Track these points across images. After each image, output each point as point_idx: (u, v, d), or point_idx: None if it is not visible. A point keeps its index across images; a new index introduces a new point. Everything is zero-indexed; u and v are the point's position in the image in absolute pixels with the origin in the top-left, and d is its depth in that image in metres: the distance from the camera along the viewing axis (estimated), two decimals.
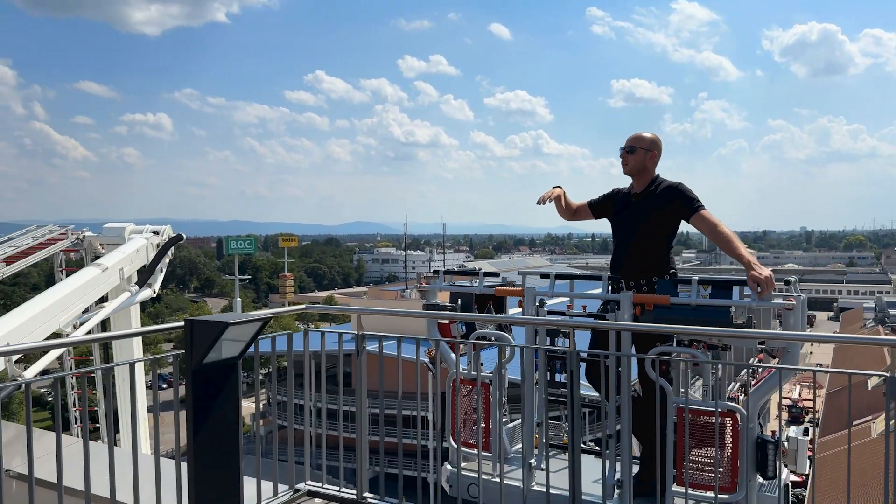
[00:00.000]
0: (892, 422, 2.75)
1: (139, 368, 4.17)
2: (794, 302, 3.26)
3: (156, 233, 10.94)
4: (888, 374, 2.75)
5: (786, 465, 3.55)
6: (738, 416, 3.27)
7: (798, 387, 45.46)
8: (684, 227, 3.97)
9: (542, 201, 4.08)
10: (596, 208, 4.24)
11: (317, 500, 4.15)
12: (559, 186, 4.26)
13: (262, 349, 3.95)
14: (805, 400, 42.82)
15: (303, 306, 4.49)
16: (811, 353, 53.31)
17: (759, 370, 3.52)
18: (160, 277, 10.91)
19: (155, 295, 10.74)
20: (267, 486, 4.07)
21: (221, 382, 3.49)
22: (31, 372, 7.62)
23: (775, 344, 3.29)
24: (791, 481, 3.59)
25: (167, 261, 11.07)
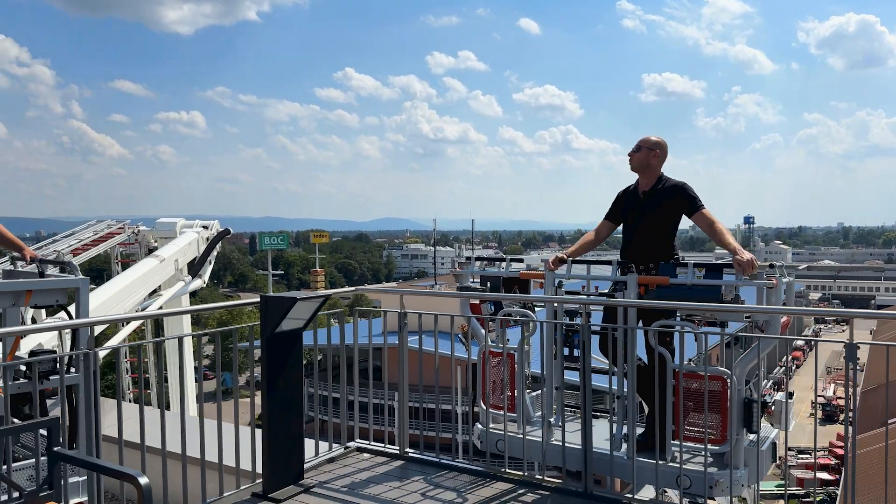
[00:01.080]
0: (850, 383, 3.27)
1: (188, 343, 4.86)
2: (774, 282, 3.80)
3: (205, 227, 11.74)
4: (846, 341, 3.28)
5: (771, 424, 4.10)
6: (726, 379, 3.82)
7: (833, 385, 44.97)
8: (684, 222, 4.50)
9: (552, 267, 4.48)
10: (614, 217, 4.65)
11: (364, 454, 4.81)
12: (561, 255, 4.55)
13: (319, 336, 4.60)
14: (839, 398, 42.39)
15: (353, 288, 5.13)
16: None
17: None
18: (209, 269, 11.73)
19: (205, 285, 11.55)
20: (323, 445, 4.76)
21: (289, 349, 4.16)
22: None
23: (759, 317, 3.84)
24: (823, 479, 4.05)
25: (215, 253, 11.89)
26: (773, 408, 3.99)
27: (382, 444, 4.86)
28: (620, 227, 4.65)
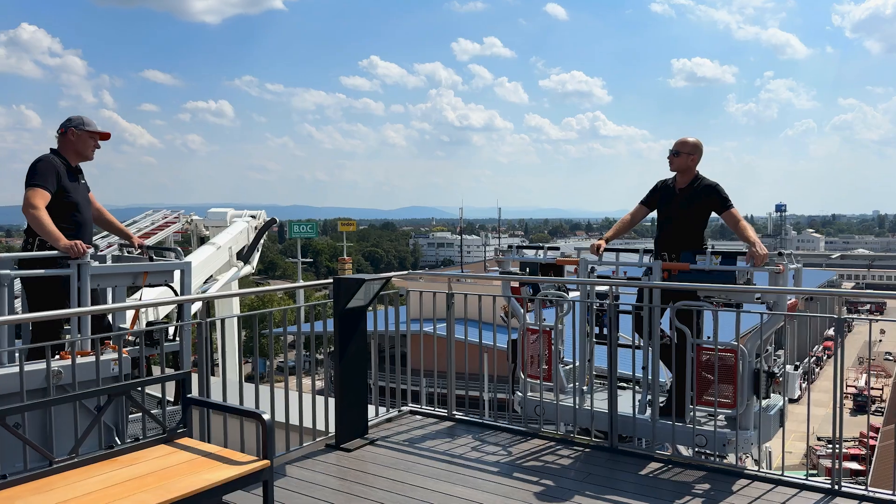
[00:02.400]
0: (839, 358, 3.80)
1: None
2: (781, 268, 4.34)
3: (253, 217, 12.53)
4: (836, 316, 3.82)
5: (779, 393, 4.66)
6: (738, 352, 4.38)
7: (864, 375, 44.67)
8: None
9: (595, 251, 5.10)
10: (650, 203, 5.18)
11: (417, 416, 5.48)
12: (601, 240, 5.16)
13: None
14: (873, 388, 42.12)
15: (406, 272, 5.77)
16: (880, 340, 51.78)
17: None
18: (257, 256, 12.51)
19: (254, 270, 12.33)
20: (381, 410, 5.44)
21: (356, 323, 4.82)
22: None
23: (768, 298, 4.39)
24: (852, 469, 4.51)
25: (262, 241, 12.67)
26: (780, 379, 4.56)
27: (433, 408, 5.52)
28: (651, 215, 5.23)
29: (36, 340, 3.99)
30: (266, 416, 3.12)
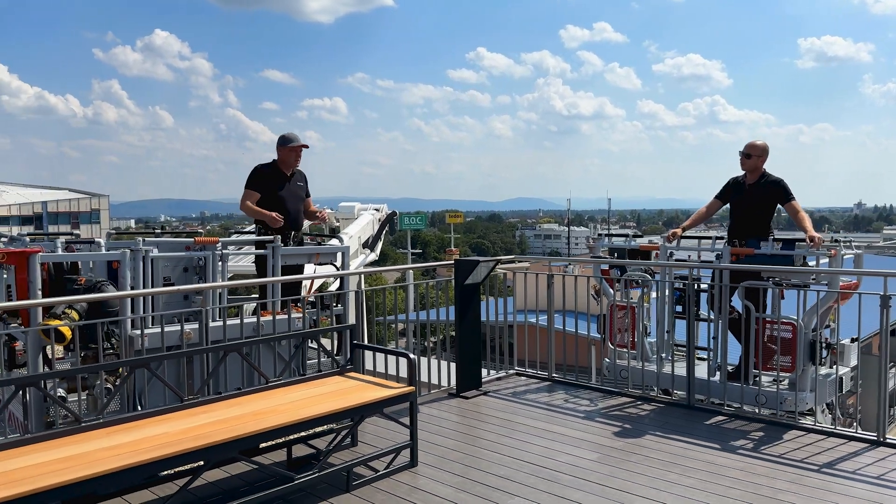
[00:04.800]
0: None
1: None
2: (833, 252, 5.06)
3: (377, 210, 14.06)
4: (881, 294, 4.50)
5: (835, 363, 5.35)
6: (795, 325, 5.14)
7: None
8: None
9: (672, 238, 5.99)
10: (724, 198, 6.01)
11: (521, 377, 6.58)
12: (675, 231, 6.04)
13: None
14: None
15: (513, 256, 6.85)
16: None
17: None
18: (380, 245, 14.05)
19: (377, 257, 13.88)
20: (492, 372, 6.60)
21: (472, 297, 5.99)
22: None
23: (822, 278, 5.12)
24: None
25: (385, 231, 14.20)
26: (837, 350, 5.26)
27: (535, 370, 6.61)
28: (724, 207, 6.05)
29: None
30: (412, 356, 4.34)
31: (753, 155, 5.72)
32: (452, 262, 6.05)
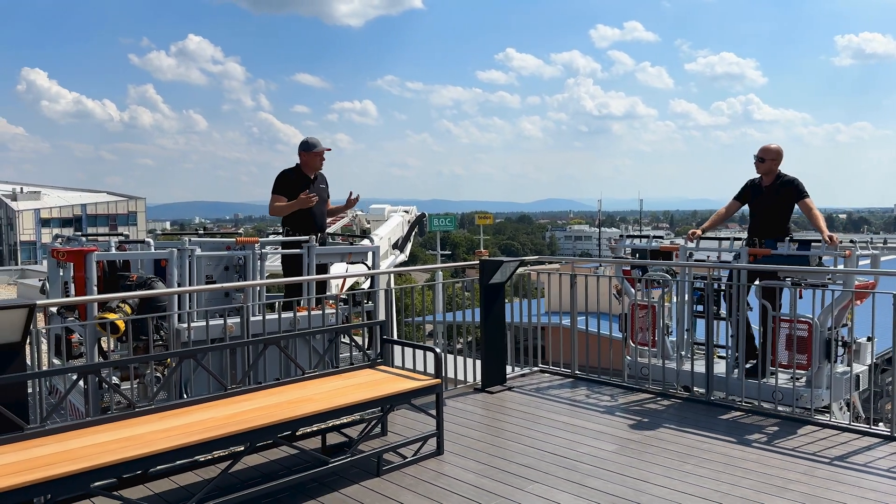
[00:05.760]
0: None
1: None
2: (848, 253, 5.18)
3: (406, 212, 14.38)
4: (894, 293, 4.62)
5: (851, 361, 5.46)
6: (811, 323, 5.27)
7: None
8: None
9: (691, 239, 6.18)
10: (742, 199, 6.18)
11: (545, 374, 6.79)
12: (694, 231, 6.29)
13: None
14: None
15: (535, 257, 7.07)
16: None
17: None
18: (409, 246, 14.37)
19: (406, 259, 14.19)
20: (517, 369, 6.83)
21: (497, 295, 6.23)
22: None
23: (838, 278, 5.24)
24: None
25: (414, 233, 14.51)
26: (853, 348, 5.38)
27: (558, 367, 6.82)
28: (742, 207, 6.20)
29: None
30: (438, 350, 4.61)
31: (767, 159, 5.87)
32: (478, 262, 6.30)
